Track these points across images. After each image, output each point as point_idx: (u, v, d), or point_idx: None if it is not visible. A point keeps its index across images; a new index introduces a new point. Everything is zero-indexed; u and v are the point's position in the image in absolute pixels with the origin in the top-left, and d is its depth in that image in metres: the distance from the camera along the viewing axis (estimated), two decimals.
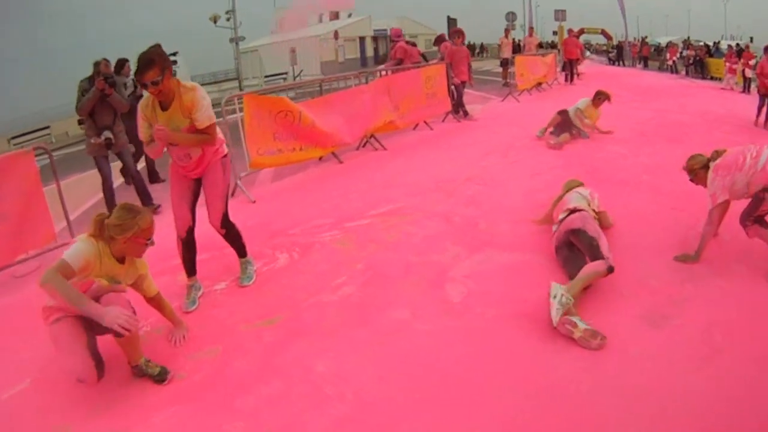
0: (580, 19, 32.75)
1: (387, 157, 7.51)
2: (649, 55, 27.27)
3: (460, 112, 10.11)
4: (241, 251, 3.84)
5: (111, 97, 5.32)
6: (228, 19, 27.15)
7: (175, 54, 24.08)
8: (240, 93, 6.24)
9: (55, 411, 2.65)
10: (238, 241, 3.79)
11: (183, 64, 24.76)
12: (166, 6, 47.37)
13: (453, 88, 9.97)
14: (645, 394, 2.49)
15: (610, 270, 3.23)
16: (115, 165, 5.68)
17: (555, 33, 29.90)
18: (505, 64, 16.18)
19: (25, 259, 4.44)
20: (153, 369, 2.81)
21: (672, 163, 5.04)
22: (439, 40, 11.55)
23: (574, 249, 3.61)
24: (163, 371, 2.82)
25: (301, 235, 4.66)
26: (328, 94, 7.65)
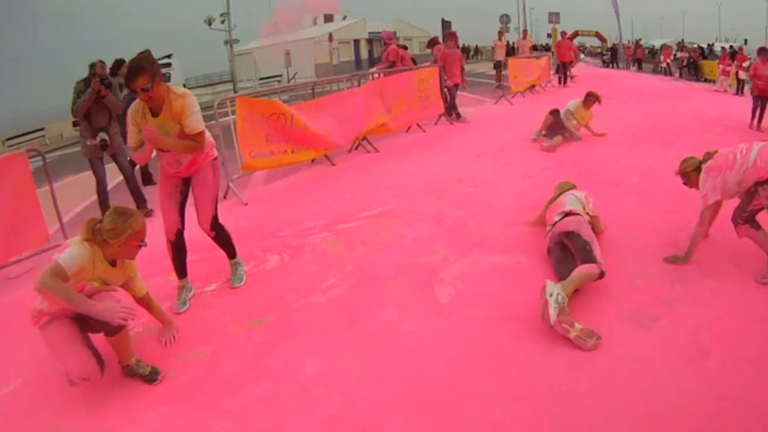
0: (575, 21, 33.01)
1: (379, 160, 7.52)
2: (643, 58, 27.39)
3: (453, 115, 10.13)
4: (231, 252, 3.86)
5: (107, 98, 5.33)
6: (222, 22, 27.06)
7: (169, 56, 24.01)
8: (232, 96, 6.26)
9: (47, 410, 2.68)
10: (227, 242, 3.82)
11: (177, 67, 24.65)
12: (162, 8, 47.47)
13: (446, 90, 9.98)
14: (634, 395, 2.49)
15: (602, 275, 3.26)
16: (110, 167, 5.70)
17: (549, 36, 29.96)
18: (498, 66, 16.19)
19: (18, 260, 4.46)
20: (144, 369, 2.85)
21: (664, 165, 5.08)
22: (432, 43, 11.62)
23: (566, 251, 3.62)
24: (154, 371, 2.85)
25: (292, 236, 4.69)
26: (320, 97, 7.66)
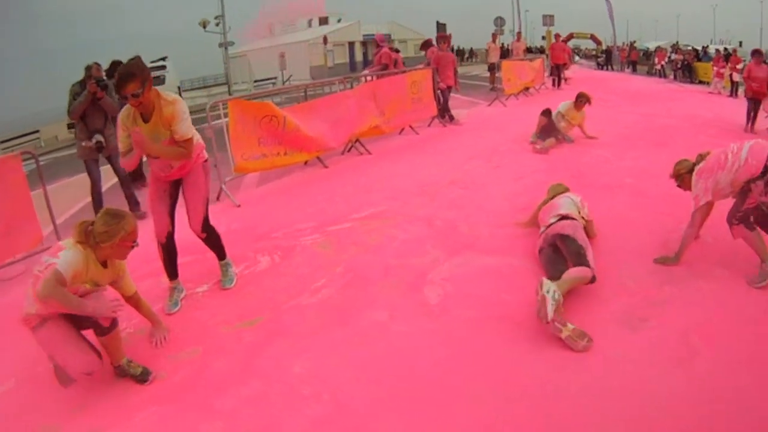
0: (570, 23, 33.10)
1: (372, 162, 7.55)
2: (638, 60, 27.56)
3: (446, 117, 10.16)
4: (220, 254, 3.88)
5: (102, 100, 5.36)
6: (217, 24, 27.13)
7: (164, 59, 24.02)
8: (225, 98, 6.29)
9: (39, 410, 2.71)
10: (218, 244, 3.84)
11: (172, 69, 24.66)
12: (157, 11, 47.37)
13: (439, 92, 10.02)
14: (625, 396, 2.51)
15: (593, 279, 3.29)
16: (105, 169, 5.72)
17: (544, 38, 30.09)
18: (492, 68, 16.23)
19: (12, 262, 4.49)
20: (135, 369, 2.88)
21: (657, 167, 5.09)
22: (425, 45, 11.69)
23: (558, 252, 3.62)
24: (145, 371, 2.88)
25: (283, 238, 4.72)
26: (313, 99, 7.70)
